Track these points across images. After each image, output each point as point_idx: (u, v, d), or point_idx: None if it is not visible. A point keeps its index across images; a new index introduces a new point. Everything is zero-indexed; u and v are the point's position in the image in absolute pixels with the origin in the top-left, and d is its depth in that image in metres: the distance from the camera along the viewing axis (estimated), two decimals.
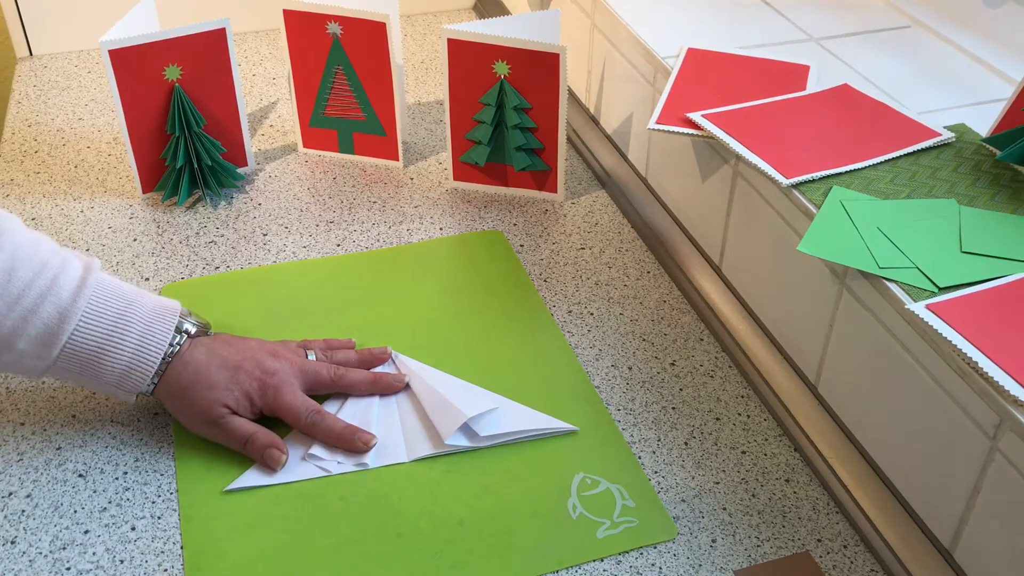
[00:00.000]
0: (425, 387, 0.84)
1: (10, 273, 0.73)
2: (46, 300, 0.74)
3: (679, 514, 0.77)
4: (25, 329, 0.74)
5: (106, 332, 0.76)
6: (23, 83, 1.31)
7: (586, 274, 1.00)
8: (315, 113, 1.14)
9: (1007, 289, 0.70)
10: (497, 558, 0.73)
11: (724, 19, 1.07)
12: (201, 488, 0.77)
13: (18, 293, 0.73)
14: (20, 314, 0.73)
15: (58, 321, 0.74)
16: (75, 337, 0.75)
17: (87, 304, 0.75)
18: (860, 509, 0.75)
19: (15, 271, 0.73)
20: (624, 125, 1.13)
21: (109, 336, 0.76)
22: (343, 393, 0.84)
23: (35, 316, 0.74)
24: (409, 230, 1.06)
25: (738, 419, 0.85)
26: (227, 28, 1.04)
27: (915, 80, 0.96)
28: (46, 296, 0.74)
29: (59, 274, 0.75)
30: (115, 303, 0.77)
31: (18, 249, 0.74)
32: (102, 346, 0.76)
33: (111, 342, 0.76)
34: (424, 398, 0.83)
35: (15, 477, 0.79)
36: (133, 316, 0.77)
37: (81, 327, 0.75)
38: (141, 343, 0.77)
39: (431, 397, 0.83)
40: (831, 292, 0.78)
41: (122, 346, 0.77)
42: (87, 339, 0.76)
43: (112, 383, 0.78)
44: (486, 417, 0.82)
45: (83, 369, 0.77)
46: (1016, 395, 0.61)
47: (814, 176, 0.81)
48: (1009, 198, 0.78)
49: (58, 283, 0.75)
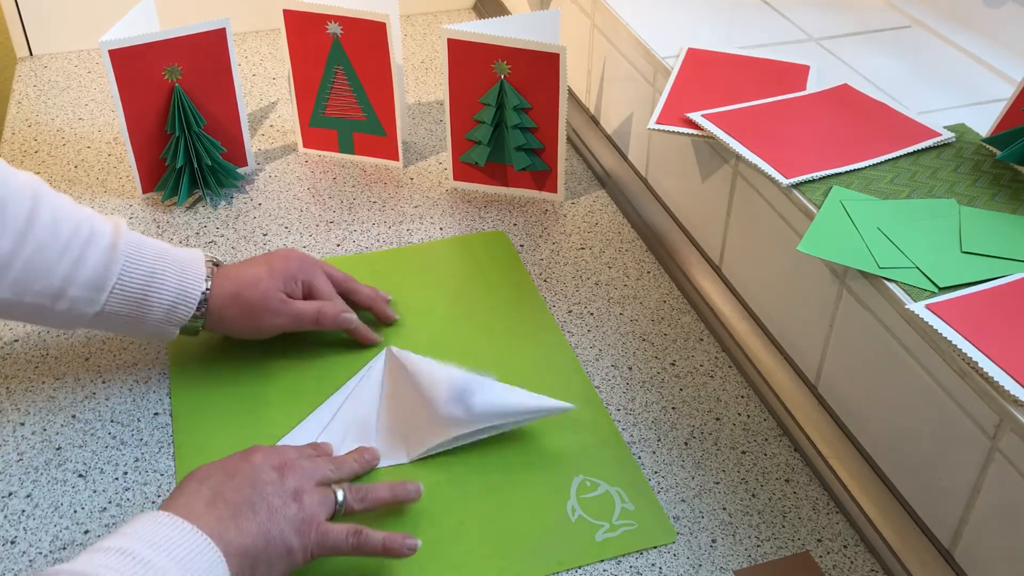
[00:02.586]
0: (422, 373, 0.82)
1: (55, 224, 0.78)
2: (90, 246, 0.79)
3: (679, 514, 0.77)
4: (76, 275, 0.78)
5: (149, 270, 0.81)
6: (23, 83, 1.31)
7: (586, 274, 1.00)
8: (315, 113, 1.14)
9: (1007, 289, 0.70)
10: (497, 558, 0.73)
11: (724, 19, 1.07)
12: None
13: (66, 241, 0.78)
14: (70, 260, 0.78)
15: (105, 264, 0.79)
16: (123, 277, 0.80)
17: (126, 248, 0.80)
18: (860, 509, 0.75)
19: (59, 222, 0.78)
20: (624, 125, 1.13)
21: (153, 273, 0.81)
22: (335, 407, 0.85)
23: (83, 262, 0.79)
24: (409, 230, 1.06)
25: (738, 419, 0.85)
26: (227, 28, 1.04)
27: (915, 80, 0.96)
28: (90, 243, 0.79)
29: (95, 225, 0.80)
30: (150, 248, 0.82)
31: (58, 205, 0.80)
32: (148, 283, 0.81)
33: (156, 278, 0.81)
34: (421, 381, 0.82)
35: (15, 477, 0.79)
36: (170, 255, 0.83)
37: (126, 268, 0.80)
38: (183, 273, 0.82)
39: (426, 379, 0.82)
40: (831, 292, 0.78)
41: (166, 279, 0.81)
42: (133, 278, 0.80)
43: (160, 319, 0.82)
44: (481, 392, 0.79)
45: (133, 309, 0.81)
46: (1016, 395, 0.61)
47: (814, 176, 0.81)
48: (1009, 198, 0.78)
49: (96, 233, 0.80)
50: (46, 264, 0.78)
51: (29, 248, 0.77)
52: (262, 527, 0.65)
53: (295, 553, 0.67)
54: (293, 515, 0.67)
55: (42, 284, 0.78)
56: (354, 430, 0.81)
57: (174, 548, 0.61)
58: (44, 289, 0.78)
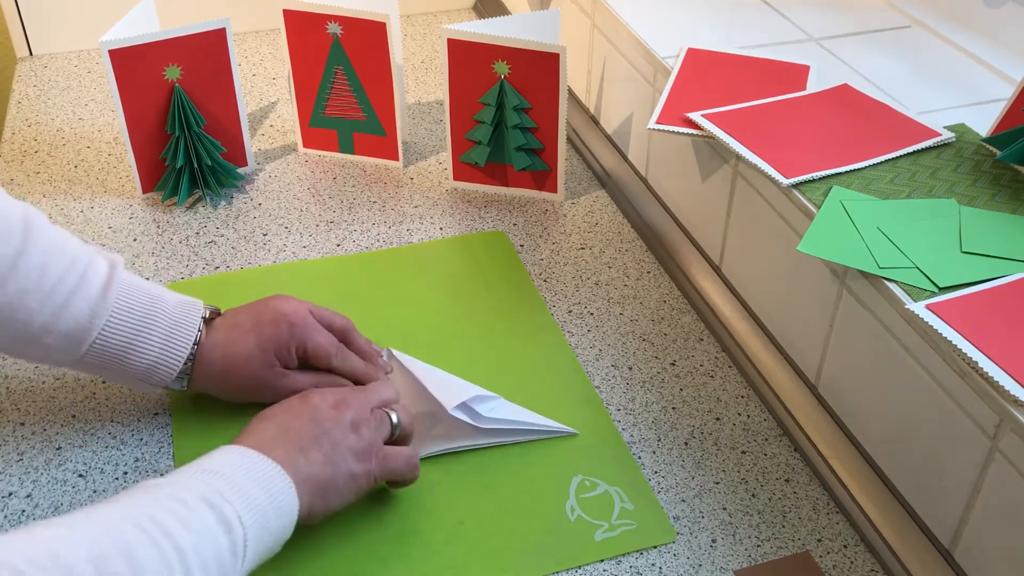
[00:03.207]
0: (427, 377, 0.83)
1: (42, 268, 0.74)
2: (76, 296, 0.75)
3: (679, 514, 0.77)
4: (56, 325, 0.74)
5: (134, 328, 0.77)
6: (23, 83, 1.31)
7: (586, 274, 1.00)
8: (315, 113, 1.14)
9: (1007, 289, 0.70)
10: (497, 558, 0.73)
11: (724, 19, 1.07)
12: None
13: (50, 289, 0.74)
14: (51, 310, 0.74)
15: (88, 317, 0.75)
16: (104, 333, 0.76)
17: (115, 300, 0.76)
18: (860, 509, 0.75)
19: (47, 266, 0.74)
20: (624, 125, 1.13)
21: (137, 332, 0.77)
22: None
23: (66, 312, 0.74)
24: (409, 230, 1.06)
25: (738, 419, 0.85)
26: (227, 28, 1.04)
27: (915, 80, 0.96)
28: (76, 292, 0.75)
29: (87, 270, 0.76)
30: (142, 298, 0.78)
31: (49, 246, 0.75)
32: (131, 341, 0.77)
33: (139, 337, 0.77)
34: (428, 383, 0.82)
35: (15, 477, 0.79)
36: (160, 311, 0.78)
37: (111, 323, 0.76)
38: (169, 336, 0.78)
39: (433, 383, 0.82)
40: (831, 292, 0.78)
41: (150, 340, 0.77)
42: (116, 334, 0.76)
43: (139, 376, 0.79)
44: (489, 402, 0.82)
45: (111, 364, 0.78)
46: (1016, 395, 0.61)
47: (814, 176, 0.81)
48: (1009, 198, 0.78)
49: (87, 279, 0.75)
50: (25, 310, 0.73)
51: (11, 289, 0.73)
52: (327, 457, 0.70)
53: (359, 478, 0.72)
54: (353, 444, 0.72)
55: (18, 328, 0.74)
56: None
57: (252, 470, 0.66)
58: (20, 333, 0.74)
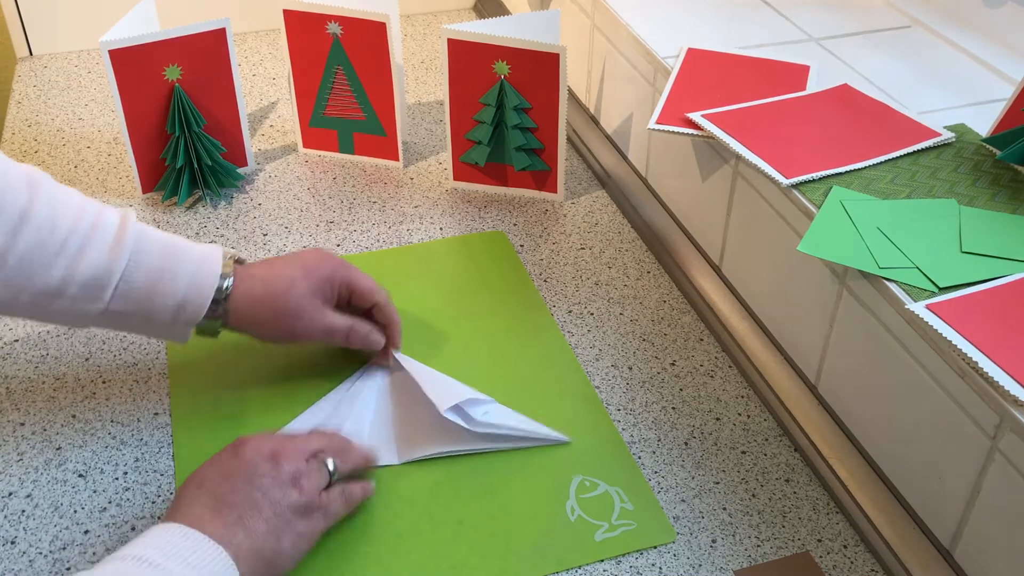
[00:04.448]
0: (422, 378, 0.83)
1: (53, 220, 0.73)
2: (91, 242, 0.74)
3: (679, 514, 0.77)
4: (75, 274, 0.74)
5: (158, 264, 0.76)
6: (23, 83, 1.31)
7: (586, 274, 1.00)
8: (315, 113, 1.14)
9: (1007, 289, 0.70)
10: (497, 558, 0.73)
11: (724, 19, 1.07)
12: None
13: (63, 238, 0.73)
14: (68, 259, 0.73)
15: (107, 261, 0.74)
16: (128, 275, 0.75)
17: (133, 243, 0.75)
18: (860, 509, 0.75)
19: (56, 218, 0.73)
20: (624, 125, 1.13)
21: (162, 267, 0.76)
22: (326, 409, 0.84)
23: (83, 259, 0.74)
24: (409, 230, 1.06)
25: (738, 419, 0.85)
26: (227, 28, 1.04)
27: (915, 80, 0.96)
28: (90, 238, 0.74)
29: (98, 219, 0.75)
30: (160, 239, 0.77)
31: (56, 199, 0.74)
32: (157, 277, 0.75)
33: (166, 272, 0.76)
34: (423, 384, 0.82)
35: (15, 477, 0.79)
36: (182, 248, 0.77)
37: (132, 263, 0.75)
38: (197, 268, 0.77)
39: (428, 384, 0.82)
40: (831, 292, 0.78)
41: (177, 273, 0.76)
42: (140, 273, 0.75)
43: (168, 318, 0.77)
44: (483, 406, 0.81)
45: (138, 308, 0.76)
46: (1016, 395, 0.61)
47: (814, 176, 0.81)
48: (1009, 198, 0.78)
49: (100, 226, 0.75)
50: (42, 261, 0.73)
51: (23, 244, 0.72)
52: (269, 524, 0.66)
53: (306, 537, 0.68)
54: (295, 502, 0.68)
55: (38, 284, 0.73)
56: (347, 428, 0.81)
57: (188, 555, 0.62)
58: (41, 288, 0.74)
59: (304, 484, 0.69)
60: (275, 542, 0.66)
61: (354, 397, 0.84)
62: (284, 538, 0.67)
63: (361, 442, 0.79)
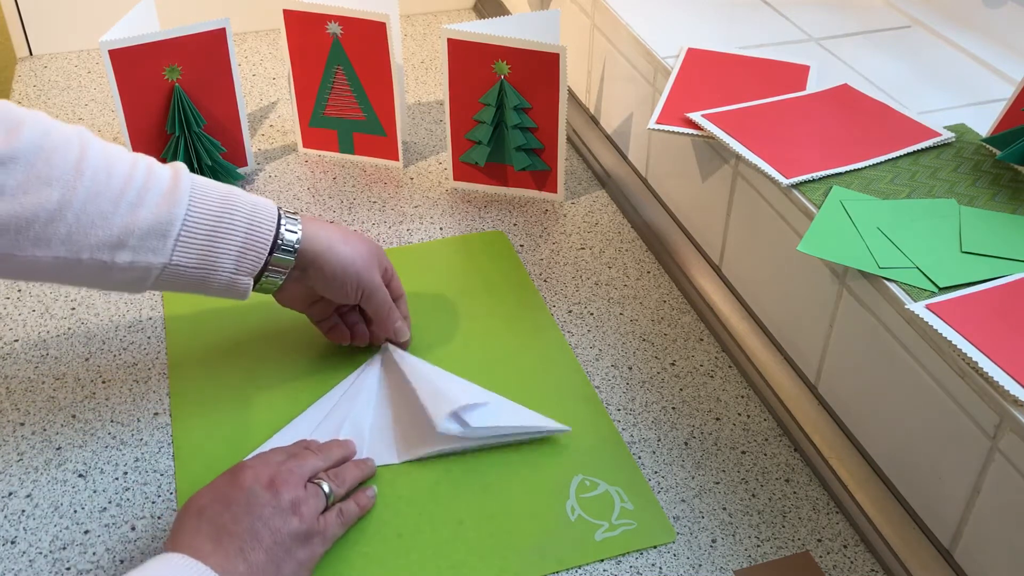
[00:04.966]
0: (420, 379, 0.83)
1: (108, 170, 0.72)
2: (148, 191, 0.73)
3: (679, 514, 0.77)
4: (136, 222, 0.72)
5: (216, 212, 0.75)
6: (23, 83, 1.31)
7: (586, 274, 1.00)
8: (315, 113, 1.14)
9: (1007, 289, 0.70)
10: (497, 558, 0.73)
11: (724, 19, 1.07)
12: None
13: (120, 188, 0.72)
14: (127, 209, 0.72)
15: (168, 207, 0.73)
16: (189, 220, 0.74)
17: (190, 190, 0.75)
18: (860, 509, 0.75)
19: (111, 168, 0.73)
20: (624, 125, 1.13)
21: (219, 216, 0.75)
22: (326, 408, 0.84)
23: (141, 209, 0.72)
24: (409, 230, 1.06)
25: (738, 419, 0.85)
26: (227, 28, 1.04)
27: (915, 80, 0.96)
28: (147, 187, 0.73)
29: (150, 170, 0.74)
30: (214, 187, 0.77)
31: (107, 152, 0.74)
32: (216, 225, 0.75)
33: (223, 220, 0.75)
34: (419, 388, 0.82)
35: (15, 477, 0.79)
36: (237, 195, 0.77)
37: (192, 210, 0.74)
38: (252, 214, 0.76)
39: (425, 388, 0.82)
40: (831, 292, 0.78)
41: (235, 221, 0.75)
42: (200, 220, 0.74)
43: (229, 268, 0.76)
44: (478, 408, 0.81)
45: (201, 257, 0.75)
46: (1016, 395, 0.61)
47: (814, 176, 0.81)
48: (1009, 198, 0.78)
49: (154, 175, 0.74)
50: (101, 213, 0.71)
51: (80, 197, 0.70)
52: (270, 553, 0.66)
53: (307, 564, 0.69)
54: (295, 530, 0.68)
55: (99, 235, 0.71)
56: (346, 427, 0.81)
57: None
58: (102, 241, 0.71)
59: (304, 511, 0.69)
60: (275, 571, 0.66)
61: (354, 396, 0.84)
62: (284, 567, 0.67)
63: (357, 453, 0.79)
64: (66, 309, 0.94)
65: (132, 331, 0.92)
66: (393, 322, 0.87)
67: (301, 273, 0.81)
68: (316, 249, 0.80)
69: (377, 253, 0.85)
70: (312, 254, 0.80)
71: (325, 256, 0.80)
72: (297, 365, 0.88)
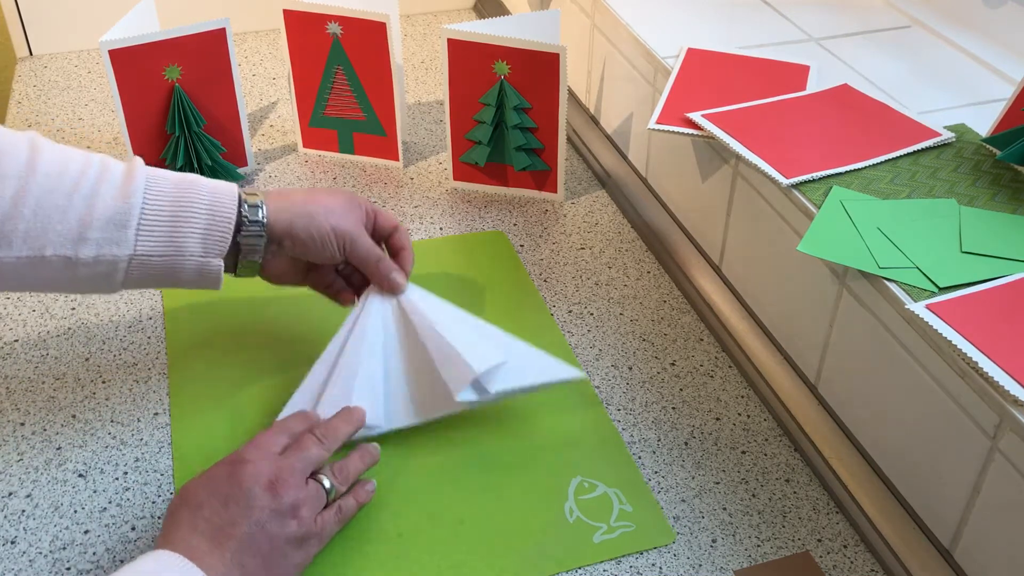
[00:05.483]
0: (432, 336, 0.80)
1: (60, 167, 0.72)
2: (102, 184, 0.73)
3: (679, 514, 0.77)
4: (93, 213, 0.72)
5: (173, 195, 0.74)
6: (23, 83, 1.31)
7: (586, 274, 1.00)
8: (315, 113, 1.14)
9: (1007, 289, 0.70)
10: (496, 558, 0.73)
11: (724, 19, 1.07)
12: None
13: (74, 182, 0.72)
14: (83, 199, 0.72)
15: (123, 196, 0.73)
16: (147, 207, 0.74)
17: (143, 177, 0.74)
18: (860, 509, 0.75)
19: (64, 165, 0.73)
20: (624, 125, 1.13)
21: (177, 199, 0.74)
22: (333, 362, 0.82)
23: (98, 197, 0.72)
24: (409, 230, 1.06)
25: (738, 419, 0.85)
26: (227, 28, 1.04)
27: (915, 80, 0.96)
28: (101, 181, 0.73)
29: (105, 162, 0.75)
30: (172, 175, 0.76)
31: (58, 152, 0.74)
32: (176, 209, 0.74)
33: (182, 202, 0.74)
34: (433, 349, 0.80)
35: (15, 477, 0.79)
36: (196, 180, 0.76)
37: (149, 196, 0.74)
38: (214, 193, 0.76)
39: (440, 348, 0.80)
40: (831, 292, 0.78)
41: (194, 201, 0.75)
42: (159, 206, 0.74)
43: (197, 251, 0.75)
44: (495, 372, 0.79)
45: (166, 243, 0.74)
46: (1016, 395, 0.61)
47: (814, 176, 0.81)
48: (1009, 198, 0.78)
49: (107, 171, 0.74)
50: (57, 207, 0.71)
51: (35, 193, 0.71)
52: (266, 559, 0.66)
53: (301, 565, 0.69)
54: (293, 533, 0.68)
55: (58, 230, 0.71)
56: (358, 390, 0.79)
57: None
58: (62, 236, 0.71)
59: (303, 514, 0.68)
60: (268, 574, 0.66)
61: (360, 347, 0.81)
62: (278, 570, 0.66)
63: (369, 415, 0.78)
64: (66, 309, 0.94)
65: (132, 331, 0.92)
66: (386, 273, 0.82)
67: (278, 247, 0.80)
68: (285, 218, 0.78)
69: (350, 201, 0.82)
70: (283, 224, 0.78)
71: (296, 222, 0.79)
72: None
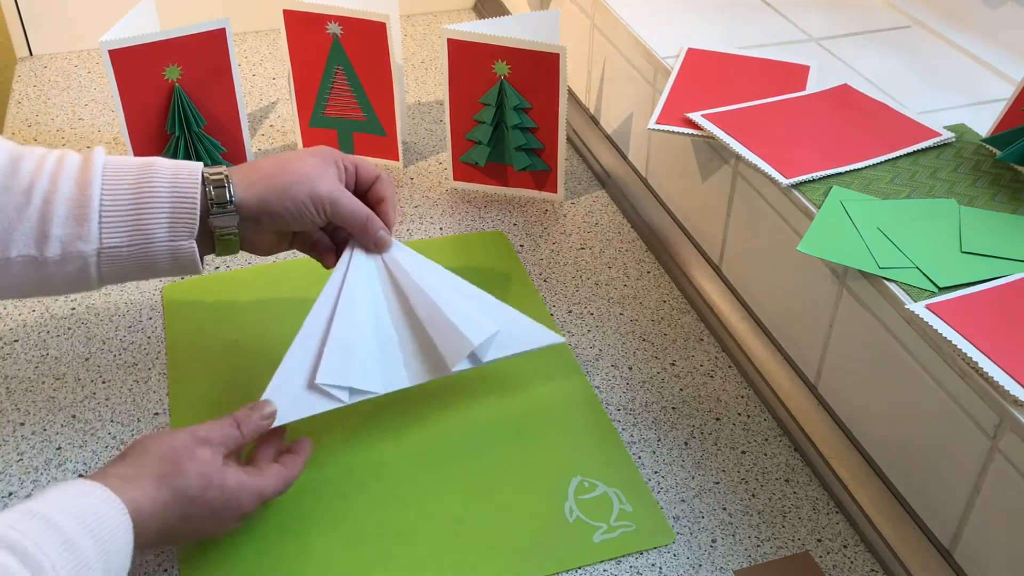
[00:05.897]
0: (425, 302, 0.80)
1: (13, 165, 0.71)
2: (60, 177, 0.71)
3: (679, 514, 0.77)
4: (52, 208, 0.70)
5: (134, 184, 0.72)
6: (23, 83, 1.31)
7: (586, 274, 1.00)
8: (315, 113, 1.14)
9: (1007, 289, 0.70)
10: (496, 558, 0.73)
11: (724, 19, 1.07)
12: None
13: (29, 180, 0.71)
14: (41, 195, 0.70)
15: (80, 187, 0.71)
16: (107, 196, 0.72)
17: (103, 168, 0.73)
18: (860, 509, 0.75)
19: (18, 163, 0.71)
20: (624, 125, 1.13)
21: (137, 183, 0.72)
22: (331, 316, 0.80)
23: (56, 192, 0.71)
24: (409, 230, 1.06)
25: (738, 419, 0.85)
26: (227, 28, 1.04)
27: (915, 80, 0.96)
28: (58, 172, 0.71)
29: (62, 155, 0.73)
30: (131, 160, 0.74)
31: (12, 149, 0.73)
32: (136, 195, 0.72)
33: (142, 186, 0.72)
34: (425, 317, 0.80)
35: (15, 477, 0.79)
36: (157, 163, 0.74)
37: (108, 183, 0.72)
38: (175, 173, 0.73)
39: (433, 317, 0.79)
40: (831, 292, 0.78)
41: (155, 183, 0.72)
42: (118, 193, 0.72)
43: (164, 237, 0.73)
44: (489, 343, 0.80)
45: (131, 232, 0.72)
46: (1016, 395, 0.61)
47: (814, 176, 0.81)
48: (1009, 198, 0.78)
49: (65, 159, 0.72)
50: (15, 206, 0.70)
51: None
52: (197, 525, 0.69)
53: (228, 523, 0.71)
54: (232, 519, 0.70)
55: (21, 229, 0.70)
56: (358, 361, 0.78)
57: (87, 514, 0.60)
58: (25, 235, 0.70)
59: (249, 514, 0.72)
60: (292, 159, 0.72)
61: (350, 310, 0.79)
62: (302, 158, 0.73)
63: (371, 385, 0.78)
64: (66, 309, 0.94)
65: (132, 331, 0.92)
66: (373, 232, 0.79)
67: (256, 224, 0.77)
68: (256, 194, 0.75)
69: (324, 160, 0.78)
70: (255, 201, 0.75)
71: (269, 197, 0.76)
72: None
